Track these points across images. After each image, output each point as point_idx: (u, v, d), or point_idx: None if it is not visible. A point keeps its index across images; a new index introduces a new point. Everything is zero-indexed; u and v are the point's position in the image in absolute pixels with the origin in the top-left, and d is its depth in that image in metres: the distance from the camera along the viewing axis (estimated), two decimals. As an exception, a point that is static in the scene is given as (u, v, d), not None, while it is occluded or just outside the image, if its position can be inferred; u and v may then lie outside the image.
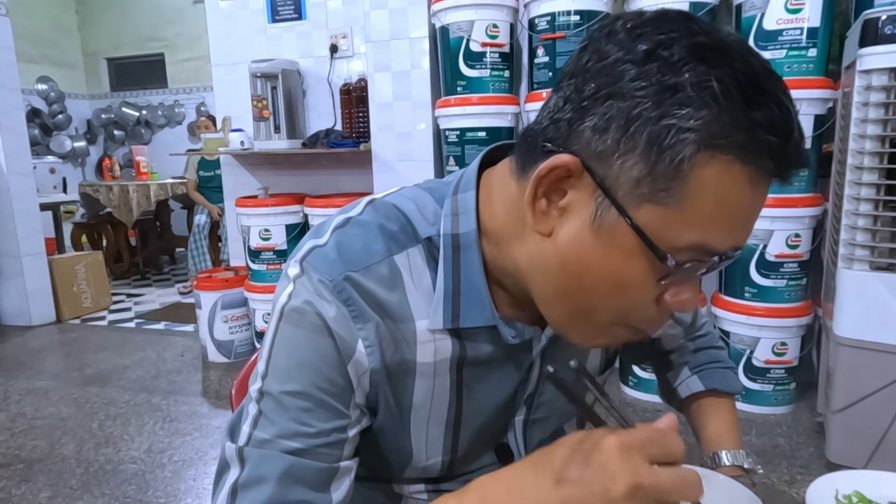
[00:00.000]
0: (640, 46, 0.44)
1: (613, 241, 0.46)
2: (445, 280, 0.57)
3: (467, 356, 0.60)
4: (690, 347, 0.86)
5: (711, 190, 0.43)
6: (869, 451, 1.81)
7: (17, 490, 2.04)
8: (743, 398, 2.41)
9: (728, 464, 0.74)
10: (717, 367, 0.84)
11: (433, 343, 0.58)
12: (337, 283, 0.54)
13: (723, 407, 0.82)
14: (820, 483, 0.62)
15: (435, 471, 0.65)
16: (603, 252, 0.47)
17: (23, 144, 3.95)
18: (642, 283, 0.47)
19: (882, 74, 1.70)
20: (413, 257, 0.58)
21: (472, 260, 0.57)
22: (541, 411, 0.68)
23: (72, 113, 6.98)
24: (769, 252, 2.28)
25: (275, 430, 0.54)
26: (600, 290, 0.49)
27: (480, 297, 0.57)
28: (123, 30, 6.89)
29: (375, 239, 0.57)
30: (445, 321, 0.57)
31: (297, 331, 0.55)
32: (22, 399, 2.81)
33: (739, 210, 0.46)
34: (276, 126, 3.06)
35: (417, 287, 0.58)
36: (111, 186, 5.29)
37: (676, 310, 0.49)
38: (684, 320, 0.84)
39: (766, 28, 2.19)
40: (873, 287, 1.75)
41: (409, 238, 0.58)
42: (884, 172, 1.74)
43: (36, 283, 3.97)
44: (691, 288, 0.49)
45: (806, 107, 2.17)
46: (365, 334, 0.55)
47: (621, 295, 0.49)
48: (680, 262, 0.46)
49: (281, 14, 3.17)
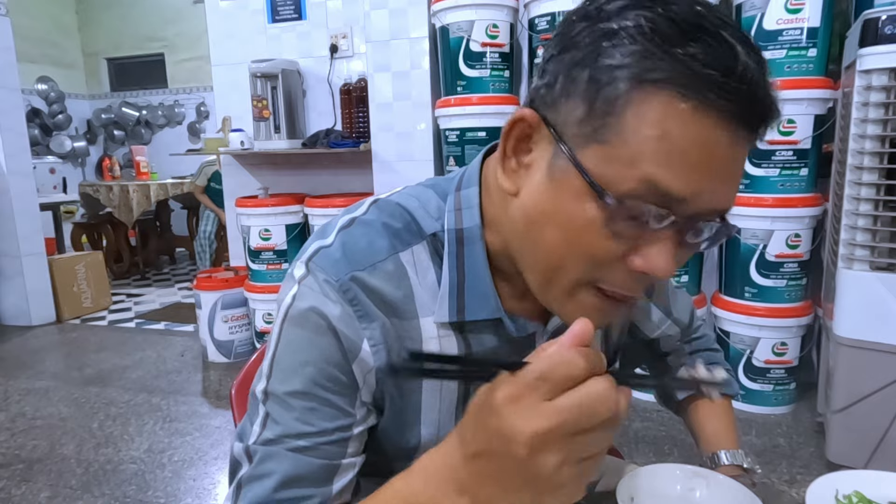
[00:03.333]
0: (592, 5, 0.47)
1: (566, 186, 0.47)
2: (450, 274, 0.58)
3: (472, 353, 0.60)
4: (686, 350, 0.87)
5: (650, 124, 0.43)
6: (869, 451, 1.81)
7: (17, 490, 2.04)
8: (743, 398, 2.41)
9: (727, 463, 0.74)
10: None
11: (437, 340, 0.59)
12: (343, 283, 0.55)
13: (720, 407, 0.82)
14: (820, 483, 0.62)
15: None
16: (558, 199, 0.48)
17: (23, 144, 3.95)
18: (594, 229, 0.46)
19: (882, 74, 1.70)
20: (418, 254, 0.59)
21: (477, 253, 0.58)
22: None
23: (72, 113, 6.97)
24: (769, 252, 2.28)
25: (280, 430, 0.55)
26: (559, 239, 0.49)
27: (485, 289, 0.58)
28: (123, 30, 6.89)
29: (380, 237, 0.58)
30: (451, 315, 0.58)
31: (300, 332, 0.55)
32: (22, 399, 2.81)
33: (692, 147, 0.44)
34: (276, 126, 3.06)
35: (422, 284, 0.58)
36: (111, 186, 5.29)
37: (644, 271, 0.47)
38: (682, 321, 0.84)
39: (766, 28, 2.19)
40: (873, 287, 1.75)
41: (414, 235, 0.59)
42: (884, 172, 1.74)
43: (36, 283, 3.97)
44: (662, 250, 0.46)
45: (806, 107, 2.17)
46: (370, 333, 0.55)
47: (578, 243, 0.48)
48: (624, 198, 0.44)
49: (281, 14, 3.17)
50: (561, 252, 0.49)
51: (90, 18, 7.02)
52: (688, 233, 0.47)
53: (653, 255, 0.47)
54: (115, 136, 7.16)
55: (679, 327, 0.84)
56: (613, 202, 0.44)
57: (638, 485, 0.61)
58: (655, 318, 0.81)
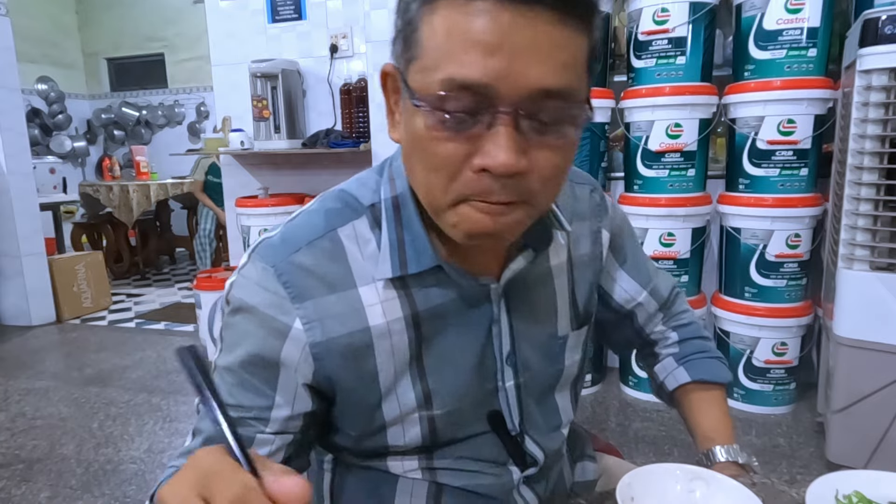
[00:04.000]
0: None
1: (408, 112, 0.53)
2: (390, 235, 0.61)
3: (419, 311, 0.62)
4: (675, 337, 0.85)
5: (438, 28, 0.49)
6: (869, 451, 1.81)
7: (17, 490, 2.04)
8: (743, 398, 2.41)
9: (723, 460, 0.73)
10: (704, 357, 0.83)
11: (380, 305, 0.61)
12: (278, 267, 0.59)
13: (713, 400, 0.81)
14: (820, 483, 0.62)
15: (417, 437, 0.65)
16: (409, 126, 0.54)
17: (23, 144, 3.95)
18: (428, 137, 0.51)
19: (882, 74, 1.70)
20: (358, 227, 0.62)
21: (411, 213, 0.61)
22: (525, 373, 0.69)
23: (72, 113, 6.97)
24: (769, 252, 2.28)
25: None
26: (418, 161, 0.54)
27: (423, 243, 0.61)
28: (123, 30, 6.89)
29: (318, 220, 0.63)
30: (394, 270, 0.60)
31: (234, 318, 0.61)
32: (22, 399, 2.81)
33: (479, 35, 0.47)
34: (276, 126, 3.06)
35: (364, 254, 0.62)
36: (111, 186, 5.28)
37: (483, 164, 0.50)
38: (660, 294, 0.83)
39: (766, 28, 2.19)
40: (873, 287, 1.75)
41: (354, 212, 0.63)
42: (884, 172, 1.74)
43: (36, 283, 3.97)
44: (496, 142, 0.49)
45: (806, 107, 2.17)
46: (303, 312, 0.59)
47: (426, 158, 0.52)
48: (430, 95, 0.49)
49: (281, 14, 3.17)
50: (424, 174, 0.54)
51: (90, 18, 7.02)
52: (521, 122, 0.49)
53: (488, 148, 0.49)
54: (115, 136, 7.16)
55: (657, 301, 0.83)
56: (422, 104, 0.50)
57: (638, 485, 0.61)
58: (628, 287, 0.81)
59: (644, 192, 2.45)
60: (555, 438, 0.74)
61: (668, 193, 2.40)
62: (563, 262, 0.72)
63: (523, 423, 0.70)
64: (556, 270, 0.71)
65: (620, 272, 0.81)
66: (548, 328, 0.71)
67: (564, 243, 0.72)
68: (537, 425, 0.72)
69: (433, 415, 0.65)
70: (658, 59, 2.35)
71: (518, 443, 0.70)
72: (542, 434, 0.72)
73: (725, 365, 0.84)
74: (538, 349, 0.70)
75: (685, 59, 2.32)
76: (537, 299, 0.69)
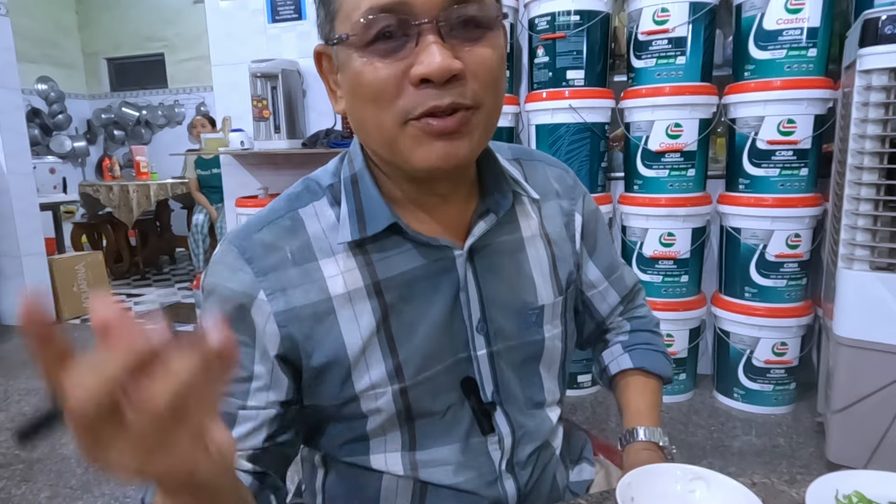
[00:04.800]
0: None
1: (343, 66, 0.59)
2: (349, 204, 0.65)
3: (381, 279, 0.64)
4: (627, 327, 0.87)
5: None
6: (869, 451, 1.81)
7: (17, 490, 2.04)
8: (743, 398, 2.41)
9: (644, 440, 0.76)
10: (649, 349, 0.85)
11: (341, 276, 0.64)
12: (241, 246, 0.64)
13: (648, 387, 0.83)
14: (820, 483, 0.62)
15: (391, 408, 0.66)
16: (345, 78, 0.60)
17: (23, 144, 3.94)
18: (365, 70, 0.56)
19: (882, 74, 1.70)
20: (319, 207, 0.66)
21: (367, 184, 0.65)
22: (499, 341, 0.70)
23: (72, 113, 6.97)
24: (769, 252, 2.28)
25: None
26: (364, 102, 0.58)
27: (380, 205, 0.64)
28: (123, 30, 6.89)
29: (280, 203, 0.68)
30: (353, 233, 0.63)
31: (207, 300, 0.65)
32: (22, 399, 2.81)
33: None
34: (276, 126, 3.06)
35: (324, 227, 0.65)
36: (111, 186, 5.28)
37: (420, 72, 0.54)
38: (623, 285, 0.85)
39: (766, 28, 2.19)
40: (873, 287, 1.75)
41: (314, 194, 0.68)
42: (884, 172, 1.74)
43: (36, 284, 3.97)
44: (427, 50, 0.54)
45: (806, 107, 2.17)
46: (266, 284, 0.62)
47: (370, 92, 0.56)
48: (359, 30, 0.55)
49: (281, 14, 3.16)
50: (368, 111, 0.58)
51: (90, 18, 7.02)
52: (444, 30, 0.55)
53: (419, 56, 0.54)
54: (115, 136, 7.16)
55: (618, 292, 0.85)
56: (352, 36, 0.56)
57: (638, 485, 0.61)
58: (593, 277, 0.83)
59: (644, 192, 2.45)
60: (535, 416, 0.75)
61: (668, 193, 2.40)
62: (536, 234, 0.74)
63: (498, 394, 0.70)
64: (529, 241, 0.73)
65: (588, 261, 0.82)
66: (522, 297, 0.72)
67: (535, 216, 0.75)
68: (514, 397, 0.72)
69: (405, 386, 0.66)
70: (658, 59, 2.35)
71: (487, 412, 0.70)
72: (520, 408, 0.73)
73: (670, 362, 0.86)
74: (512, 318, 0.71)
75: (685, 59, 2.32)
76: (508, 268, 0.71)
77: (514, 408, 0.72)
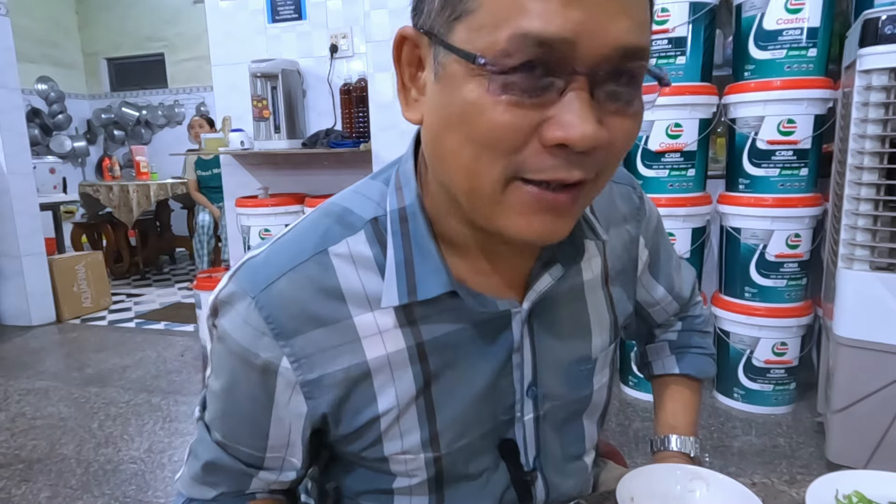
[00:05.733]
0: None
1: (449, 78, 0.44)
2: (396, 253, 0.53)
3: (425, 341, 0.55)
4: (678, 326, 0.85)
5: None
6: (869, 451, 1.81)
7: (17, 490, 2.04)
8: (743, 398, 2.41)
9: (675, 449, 0.75)
10: (698, 353, 0.83)
11: (380, 336, 0.54)
12: (258, 299, 0.52)
13: (687, 393, 0.81)
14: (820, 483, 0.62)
15: (422, 475, 0.59)
16: (447, 95, 0.45)
17: (23, 144, 3.94)
18: (486, 106, 0.42)
19: (882, 74, 1.70)
20: (354, 245, 0.54)
21: (419, 227, 0.53)
22: (547, 402, 0.62)
23: (72, 113, 6.97)
24: (769, 252, 2.28)
25: (209, 416, 0.61)
26: (462, 137, 0.44)
27: (435, 262, 0.53)
28: (123, 30, 6.89)
29: (307, 238, 0.55)
30: (401, 296, 0.52)
31: (220, 344, 0.56)
32: (22, 399, 2.81)
33: None
34: (276, 126, 3.06)
35: (360, 276, 0.54)
36: (111, 186, 5.28)
37: (560, 138, 0.42)
38: (682, 296, 0.82)
39: (766, 28, 2.19)
40: (873, 287, 1.75)
41: (347, 227, 0.55)
42: (884, 172, 1.74)
43: (36, 283, 3.97)
44: (572, 108, 0.41)
45: (806, 107, 2.17)
46: (290, 350, 0.53)
47: (478, 131, 0.43)
48: (498, 56, 0.41)
49: (281, 14, 3.17)
50: (469, 151, 0.44)
51: (90, 18, 7.02)
52: (598, 87, 0.42)
53: (563, 115, 0.41)
54: (115, 136, 7.16)
55: (679, 303, 0.82)
56: (488, 62, 0.41)
57: (638, 485, 0.61)
58: (657, 295, 0.78)
59: (644, 192, 2.44)
60: (572, 472, 0.68)
61: (668, 193, 2.40)
62: (597, 275, 0.64)
63: (539, 459, 0.63)
64: (589, 286, 0.63)
65: (653, 283, 0.77)
66: (577, 352, 0.64)
67: (599, 254, 0.65)
68: (553, 457, 0.65)
69: (440, 455, 0.59)
70: (658, 59, 2.35)
71: (527, 482, 0.63)
72: (557, 466, 0.66)
73: (714, 361, 0.84)
74: (563, 376, 0.63)
75: (685, 59, 2.32)
76: (566, 321, 0.62)
77: (551, 468, 0.65)
